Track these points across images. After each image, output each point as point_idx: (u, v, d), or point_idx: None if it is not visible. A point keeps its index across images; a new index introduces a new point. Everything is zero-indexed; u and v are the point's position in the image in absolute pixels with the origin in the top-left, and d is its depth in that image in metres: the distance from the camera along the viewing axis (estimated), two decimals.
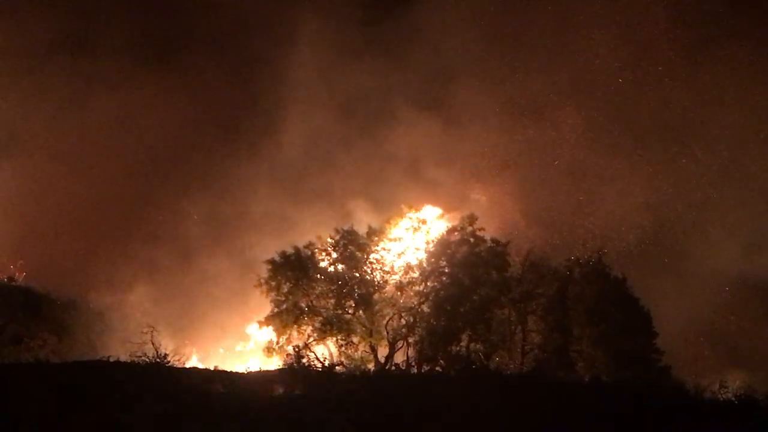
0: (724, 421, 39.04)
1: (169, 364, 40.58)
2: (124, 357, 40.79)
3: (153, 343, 41.08)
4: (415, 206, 45.29)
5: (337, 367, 41.83)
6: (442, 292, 43.03)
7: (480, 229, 43.74)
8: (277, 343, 42.88)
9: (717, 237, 53.40)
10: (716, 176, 54.83)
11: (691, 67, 56.28)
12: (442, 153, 53.31)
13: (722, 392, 41.75)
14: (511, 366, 43.24)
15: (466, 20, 58.05)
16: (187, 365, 42.23)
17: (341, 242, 43.69)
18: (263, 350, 43.55)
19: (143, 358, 40.39)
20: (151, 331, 41.60)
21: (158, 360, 40.49)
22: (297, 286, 43.26)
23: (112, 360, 40.24)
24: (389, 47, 57.26)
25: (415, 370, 42.54)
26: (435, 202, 47.14)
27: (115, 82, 56.36)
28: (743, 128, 55.55)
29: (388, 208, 46.47)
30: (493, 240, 43.75)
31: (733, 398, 41.12)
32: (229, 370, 42.02)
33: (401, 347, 42.89)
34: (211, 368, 41.96)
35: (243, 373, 41.63)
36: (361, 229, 44.07)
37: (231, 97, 57.53)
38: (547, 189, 53.82)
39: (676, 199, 54.16)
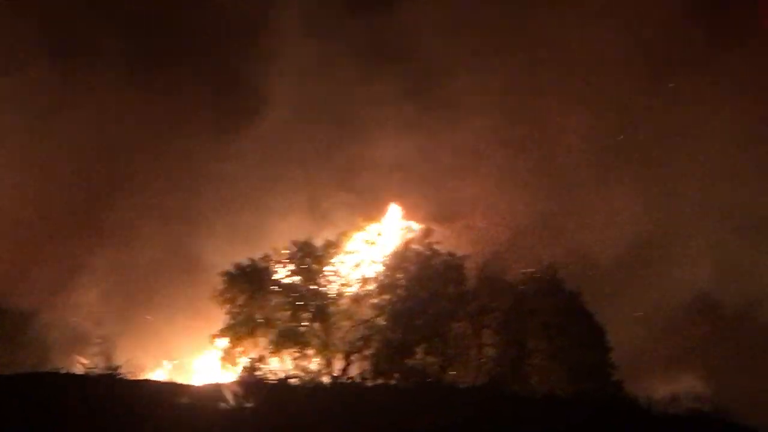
0: None
1: (121, 375, 40.11)
2: (75, 368, 40.34)
3: (105, 354, 40.64)
4: (374, 217, 45.46)
5: (291, 380, 41.59)
6: (398, 305, 43.05)
7: (436, 242, 43.91)
8: (232, 355, 42.60)
9: (679, 258, 54.09)
10: (686, 199, 55.57)
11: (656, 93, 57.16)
12: (412, 158, 53.57)
13: (673, 406, 42.05)
14: (467, 379, 43.30)
15: (453, 19, 58.34)
16: (141, 377, 41.70)
17: (297, 254, 43.58)
18: (218, 362, 43.27)
19: (95, 369, 39.93)
20: (104, 342, 41.16)
21: (110, 371, 40.03)
22: (252, 298, 43.08)
23: (62, 371, 39.76)
24: (372, 45, 57.31)
25: (371, 384, 42.37)
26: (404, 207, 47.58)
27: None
28: (712, 155, 56.30)
29: (356, 210, 46.73)
30: (450, 253, 43.87)
31: (685, 413, 41.44)
32: (181, 383, 41.75)
33: (356, 360, 42.74)
34: (164, 380, 41.59)
35: (196, 386, 41.34)
36: (318, 241, 44.10)
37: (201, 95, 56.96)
38: (510, 203, 54.25)
39: (645, 218, 54.79)
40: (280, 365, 42.48)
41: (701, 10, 57.76)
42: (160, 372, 44.90)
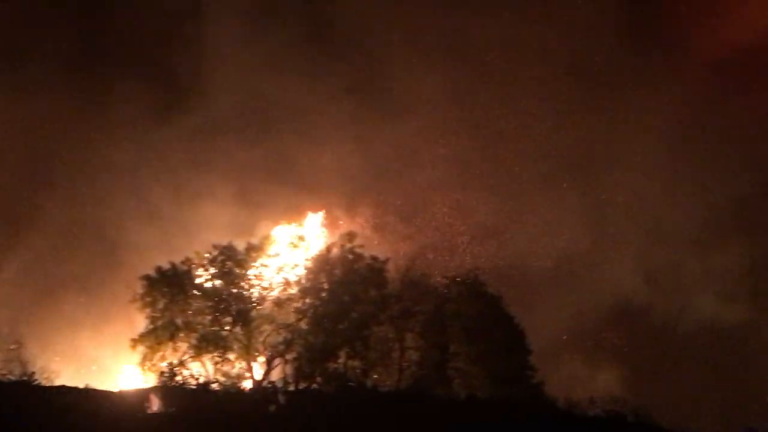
0: None
1: (37, 382, 39.32)
2: None
3: (20, 360, 39.78)
4: (296, 220, 45.30)
5: (212, 385, 41.16)
6: (320, 309, 42.87)
7: (359, 246, 43.92)
8: (152, 360, 42.05)
9: (605, 266, 55.12)
10: (615, 211, 56.68)
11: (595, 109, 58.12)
12: (337, 162, 53.48)
13: (592, 407, 42.69)
14: (389, 383, 43.35)
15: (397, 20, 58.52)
16: (57, 383, 40.87)
17: (219, 258, 43.17)
18: (137, 368, 42.66)
19: (9, 375, 39.08)
20: (18, 348, 40.26)
21: (25, 378, 39.20)
22: (173, 303, 42.53)
23: None
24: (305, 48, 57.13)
25: (293, 388, 42.16)
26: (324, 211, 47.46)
27: None
28: (641, 170, 57.49)
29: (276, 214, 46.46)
30: (372, 257, 43.86)
31: (602, 413, 42.13)
32: (100, 388, 41.05)
33: (278, 364, 42.49)
34: (82, 386, 40.83)
35: (115, 392, 40.73)
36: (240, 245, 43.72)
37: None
38: (438, 208, 54.64)
39: (576, 229, 55.64)
40: (201, 370, 41.98)
41: (638, 32, 59.55)
42: (77, 378, 43.92)
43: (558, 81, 57.78)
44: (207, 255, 43.18)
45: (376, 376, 43.28)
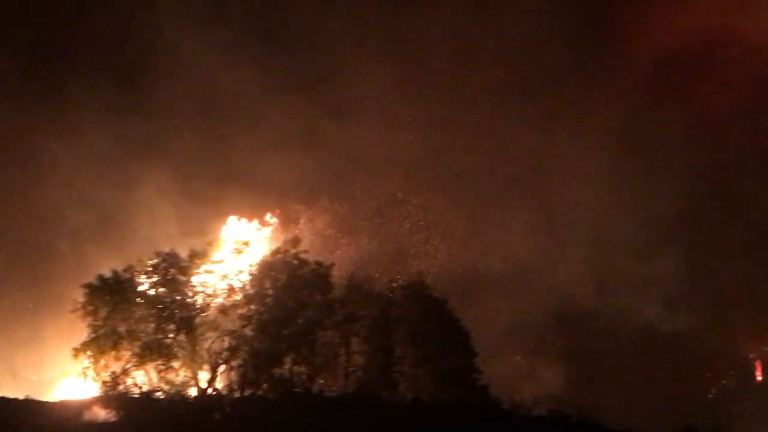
0: None
1: None
2: None
3: None
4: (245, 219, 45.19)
5: (156, 393, 40.74)
6: (265, 315, 42.62)
7: (304, 251, 43.83)
8: (94, 369, 41.46)
9: (550, 270, 55.82)
10: (565, 217, 57.45)
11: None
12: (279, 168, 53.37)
13: (536, 408, 43.11)
14: (335, 388, 43.33)
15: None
16: None
17: (162, 265, 42.74)
18: (80, 377, 42.04)
19: None
20: None
21: None
22: (115, 311, 41.95)
23: None
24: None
25: (238, 395, 41.87)
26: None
27: None
28: (592, 179, 58.32)
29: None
30: (317, 262, 43.82)
31: (546, 413, 42.57)
32: (41, 399, 40.42)
33: (223, 371, 42.18)
34: (22, 397, 40.12)
35: (56, 402, 40.16)
36: (183, 251, 43.32)
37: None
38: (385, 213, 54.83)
39: (524, 236, 56.26)
40: (144, 378, 41.52)
41: (584, 42, 60.57)
42: (17, 389, 43.12)
43: (509, 87, 58.65)
44: (150, 262, 42.84)
45: (322, 381, 43.22)
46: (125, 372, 41.19)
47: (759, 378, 58.92)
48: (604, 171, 58.15)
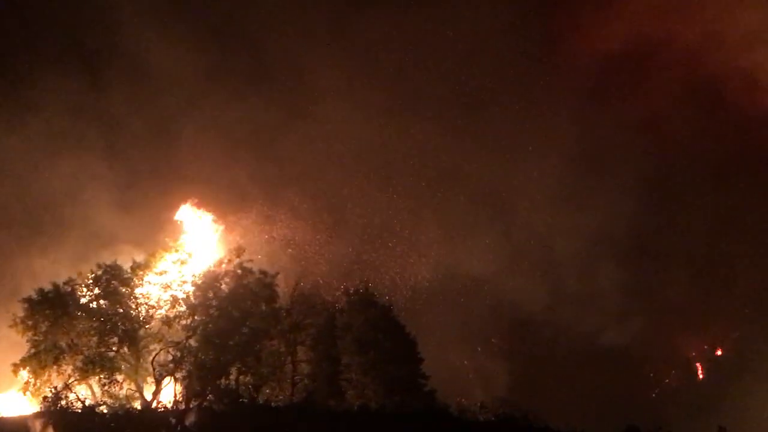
0: None
1: None
2: None
3: None
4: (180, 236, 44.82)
5: (100, 407, 40.12)
6: (210, 326, 42.16)
7: (248, 261, 43.52)
8: (35, 385, 40.69)
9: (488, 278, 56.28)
10: (520, 232, 58.06)
11: None
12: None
13: (483, 412, 43.36)
14: (281, 397, 43.13)
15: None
16: None
17: (103, 277, 42.11)
18: (20, 393, 41.25)
19: None
20: None
21: None
22: (56, 325, 41.24)
23: None
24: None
25: (184, 407, 41.40)
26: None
27: None
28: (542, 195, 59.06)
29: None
30: (261, 271, 43.47)
31: (493, 417, 42.86)
32: None
33: (168, 383, 41.68)
34: None
35: None
36: (126, 263, 42.74)
37: None
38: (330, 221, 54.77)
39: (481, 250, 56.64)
40: (88, 393, 40.91)
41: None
42: None
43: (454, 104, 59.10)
44: (91, 274, 42.20)
45: (268, 391, 43.03)
46: (67, 387, 40.51)
47: (700, 376, 60.09)
48: (555, 186, 58.99)
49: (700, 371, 60.21)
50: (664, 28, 63.53)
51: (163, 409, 41.07)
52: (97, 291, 42.07)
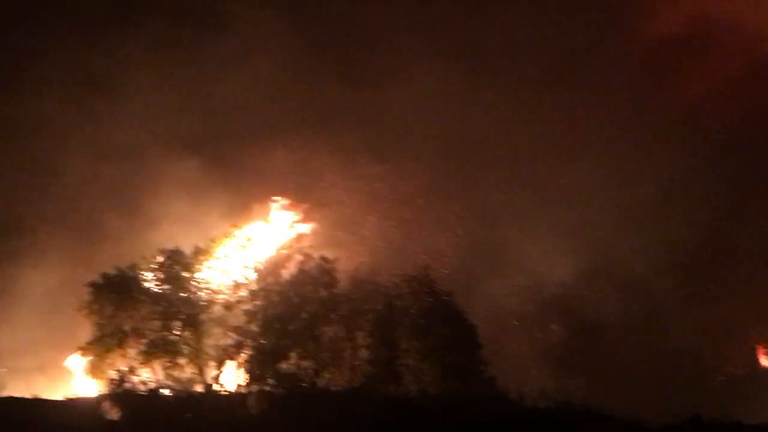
0: (545, 428, 40.79)
1: None
2: None
3: None
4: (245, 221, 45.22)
5: (162, 390, 40.85)
6: (270, 310, 42.69)
7: (308, 246, 43.87)
8: (101, 367, 41.57)
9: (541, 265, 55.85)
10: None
11: None
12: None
13: (543, 399, 43.17)
14: (341, 382, 43.39)
15: None
16: (3, 394, 40.43)
17: (166, 262, 42.79)
18: (86, 376, 42.19)
19: None
20: None
21: None
22: (120, 309, 42.02)
23: None
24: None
25: (245, 390, 41.92)
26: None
27: None
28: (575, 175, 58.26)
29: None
30: (321, 257, 43.78)
31: (553, 404, 42.63)
32: (47, 398, 40.56)
33: (229, 367, 42.17)
34: (29, 396, 40.30)
35: (63, 401, 40.29)
36: (188, 248, 43.36)
37: None
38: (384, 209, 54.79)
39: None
40: (151, 376, 41.59)
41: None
42: (24, 388, 43.27)
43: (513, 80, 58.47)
44: (154, 259, 42.93)
45: (327, 376, 43.27)
46: (131, 370, 41.33)
47: (765, 364, 59.05)
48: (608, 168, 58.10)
49: (764, 359, 59.11)
50: (728, 9, 62.04)
51: (224, 393, 41.70)
52: (160, 276, 42.87)
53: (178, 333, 42.13)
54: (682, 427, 42.74)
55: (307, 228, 46.82)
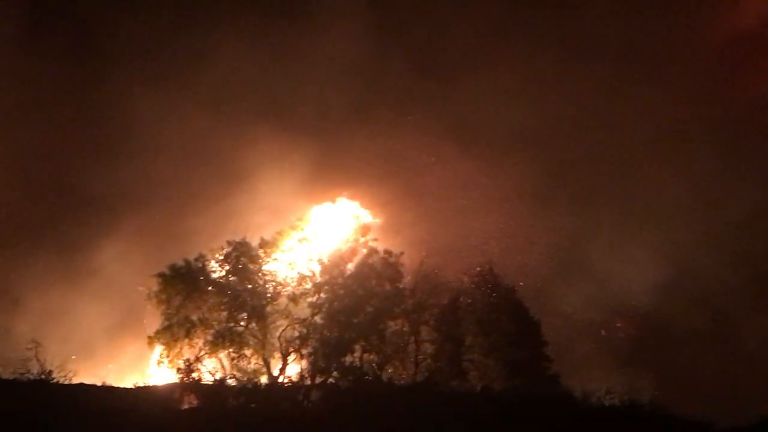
0: (610, 426, 40.34)
1: (55, 380, 39.55)
2: (6, 374, 39.72)
3: (37, 359, 39.97)
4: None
5: (228, 380, 41.35)
6: (335, 303, 42.91)
7: (373, 239, 44.01)
8: (168, 357, 42.20)
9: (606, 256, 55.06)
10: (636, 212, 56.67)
11: None
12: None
13: (608, 398, 42.69)
14: (404, 376, 43.43)
15: None
16: (74, 381, 41.03)
17: (233, 254, 43.25)
18: (154, 364, 42.85)
19: (27, 374, 39.30)
20: (36, 347, 40.38)
21: (43, 376, 39.43)
22: (188, 299, 42.55)
23: None
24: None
25: (309, 382, 42.26)
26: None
27: None
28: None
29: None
30: (386, 251, 43.88)
31: (618, 403, 42.14)
32: (117, 386, 41.30)
33: (294, 359, 42.56)
34: (99, 384, 41.08)
35: (132, 388, 40.93)
36: (254, 240, 43.77)
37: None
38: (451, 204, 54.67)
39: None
40: (216, 366, 42.16)
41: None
42: (94, 375, 44.12)
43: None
44: (221, 251, 43.43)
45: (391, 370, 43.34)
46: (198, 359, 41.91)
47: None
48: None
49: None
50: None
51: (289, 384, 42.06)
52: (227, 267, 43.35)
53: (245, 324, 42.56)
54: (750, 429, 41.97)
55: (372, 221, 46.57)
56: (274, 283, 43.06)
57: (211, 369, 41.80)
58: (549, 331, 45.11)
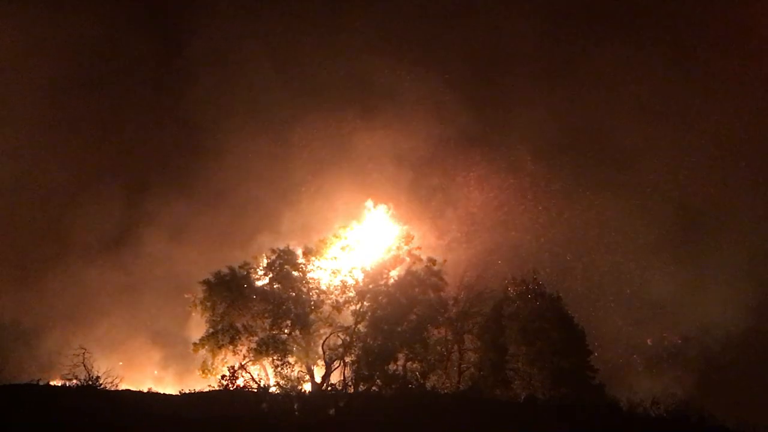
0: None
1: (101, 386, 39.96)
2: (54, 380, 40.18)
3: (85, 366, 40.39)
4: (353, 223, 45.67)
5: (272, 388, 41.50)
6: (378, 312, 42.91)
7: (416, 248, 43.89)
8: (213, 363, 42.42)
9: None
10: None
11: None
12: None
13: (654, 409, 42.17)
14: (448, 385, 43.26)
15: None
16: (120, 387, 41.44)
17: (277, 262, 43.40)
18: (198, 371, 43.06)
19: (75, 381, 39.78)
20: (83, 353, 40.81)
21: (90, 382, 39.86)
22: (232, 306, 42.80)
23: (41, 383, 39.53)
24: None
25: (352, 390, 42.28)
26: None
27: None
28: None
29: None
30: (429, 259, 43.78)
31: (665, 414, 41.59)
32: (162, 392, 41.60)
33: (338, 367, 42.61)
34: (145, 390, 41.42)
35: (177, 395, 41.19)
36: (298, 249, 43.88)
37: None
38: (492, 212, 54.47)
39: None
40: (261, 373, 42.33)
41: None
42: (140, 382, 44.52)
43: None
44: (265, 259, 43.60)
45: (435, 378, 43.19)
46: (242, 366, 42.09)
47: None
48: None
49: None
50: None
51: (332, 392, 42.11)
52: (271, 275, 43.52)
53: (288, 332, 42.68)
54: None
55: (414, 230, 46.46)
56: (317, 291, 43.16)
57: (255, 376, 42.03)
58: (593, 341, 44.80)
